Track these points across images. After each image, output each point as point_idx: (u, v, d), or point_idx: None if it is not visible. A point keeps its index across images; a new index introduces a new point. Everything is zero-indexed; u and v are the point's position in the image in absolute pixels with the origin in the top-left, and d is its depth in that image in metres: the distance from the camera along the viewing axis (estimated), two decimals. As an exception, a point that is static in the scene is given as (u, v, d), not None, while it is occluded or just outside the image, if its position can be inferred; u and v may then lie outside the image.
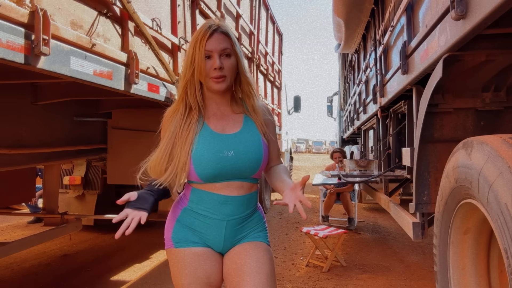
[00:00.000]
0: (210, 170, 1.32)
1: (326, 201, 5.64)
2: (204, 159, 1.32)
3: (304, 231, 3.99)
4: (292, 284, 3.34)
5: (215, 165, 1.32)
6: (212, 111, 1.41)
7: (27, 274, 3.56)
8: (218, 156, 1.32)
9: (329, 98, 12.91)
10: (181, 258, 1.36)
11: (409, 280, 3.44)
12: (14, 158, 2.70)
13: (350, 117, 7.51)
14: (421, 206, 2.23)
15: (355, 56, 6.62)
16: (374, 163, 4.15)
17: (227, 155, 1.33)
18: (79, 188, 4.60)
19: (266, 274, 1.33)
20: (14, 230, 5.20)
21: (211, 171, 1.32)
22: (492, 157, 1.24)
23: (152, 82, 2.61)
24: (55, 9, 1.74)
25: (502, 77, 1.94)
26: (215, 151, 1.33)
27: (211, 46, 1.30)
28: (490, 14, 1.28)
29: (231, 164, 1.33)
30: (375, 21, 4.08)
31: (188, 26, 3.23)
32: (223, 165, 1.32)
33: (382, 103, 3.55)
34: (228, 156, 1.33)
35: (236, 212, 1.37)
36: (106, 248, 4.43)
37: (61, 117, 3.19)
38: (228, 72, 1.33)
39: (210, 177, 1.33)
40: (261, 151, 1.37)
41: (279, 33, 8.38)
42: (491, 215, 1.22)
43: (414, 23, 2.46)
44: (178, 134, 1.34)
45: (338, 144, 11.32)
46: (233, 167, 1.33)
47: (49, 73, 1.68)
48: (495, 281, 1.60)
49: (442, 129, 2.14)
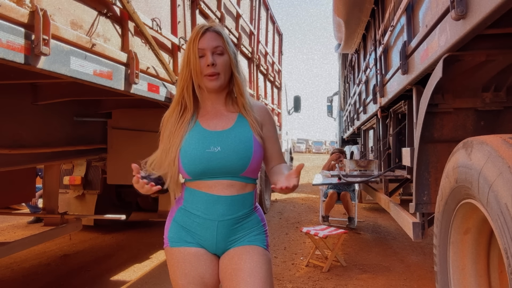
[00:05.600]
0: (196, 165, 1.33)
1: (328, 201, 5.64)
2: (190, 154, 1.33)
3: (304, 231, 3.99)
4: (292, 284, 3.34)
5: (201, 161, 1.32)
6: (206, 110, 1.43)
7: (27, 274, 3.56)
8: (204, 152, 1.33)
9: (329, 98, 12.92)
10: (176, 258, 1.37)
11: (409, 280, 3.44)
12: (14, 158, 2.70)
13: (350, 117, 7.51)
14: (421, 206, 2.23)
15: (355, 56, 6.62)
16: (374, 163, 4.15)
17: (213, 150, 1.33)
18: (79, 188, 4.60)
19: (261, 279, 1.31)
20: (14, 230, 5.20)
21: (197, 166, 1.33)
22: (492, 157, 1.24)
23: (152, 82, 2.61)
24: (55, 9, 1.74)
25: (502, 77, 1.94)
26: (202, 147, 1.34)
27: (203, 44, 1.34)
28: (490, 14, 1.28)
29: (218, 160, 1.33)
30: (375, 21, 4.08)
31: (188, 26, 3.23)
32: (209, 160, 1.32)
33: (382, 103, 3.55)
34: (214, 152, 1.33)
35: (228, 213, 1.35)
36: (106, 248, 4.43)
37: (61, 117, 3.19)
38: (221, 69, 1.35)
39: (197, 173, 1.34)
40: (251, 148, 1.36)
41: (279, 33, 8.38)
42: (491, 215, 1.22)
43: (414, 23, 2.46)
44: (172, 133, 1.37)
45: (338, 144, 11.32)
46: (219, 163, 1.33)
47: (49, 73, 1.68)
48: (495, 281, 1.60)
49: (442, 129, 2.14)
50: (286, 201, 8.15)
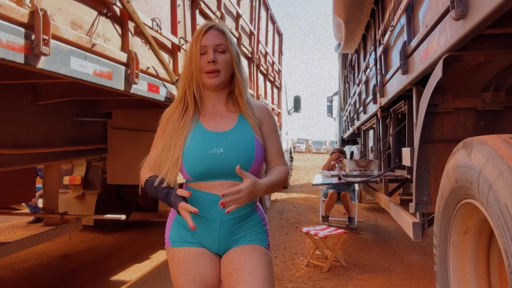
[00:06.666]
0: (199, 167, 1.32)
1: (328, 201, 5.64)
2: (193, 156, 1.32)
3: (304, 231, 3.99)
4: (292, 284, 3.34)
5: (204, 162, 1.32)
6: (207, 110, 1.42)
7: (27, 274, 3.56)
8: (206, 153, 1.32)
9: (329, 98, 12.92)
10: (177, 257, 1.37)
11: (409, 280, 3.44)
12: (14, 158, 2.70)
13: (350, 117, 7.51)
14: (421, 206, 2.23)
15: (355, 56, 6.62)
16: (374, 163, 4.15)
17: (216, 152, 1.32)
18: (79, 188, 4.60)
19: (262, 278, 1.31)
20: (14, 230, 5.20)
21: (200, 168, 1.32)
22: (492, 157, 1.24)
23: (152, 82, 2.61)
24: (55, 9, 1.74)
25: (502, 77, 1.94)
26: (204, 148, 1.33)
27: (206, 42, 1.34)
28: (490, 14, 1.28)
29: (220, 162, 1.32)
30: (375, 21, 4.08)
31: (188, 26, 3.23)
32: (211, 162, 1.32)
33: (382, 103, 3.55)
34: (217, 154, 1.32)
35: (231, 212, 1.34)
36: (106, 248, 4.43)
37: (61, 117, 3.18)
38: (222, 67, 1.35)
39: (200, 174, 1.33)
40: (253, 150, 1.35)
41: (279, 33, 8.39)
42: (491, 215, 1.22)
43: (414, 23, 2.46)
44: (174, 131, 1.36)
45: (338, 144, 11.32)
46: (222, 165, 1.32)
47: (49, 73, 1.68)
48: (495, 281, 1.60)
49: (442, 129, 2.14)
50: (286, 201, 8.15)
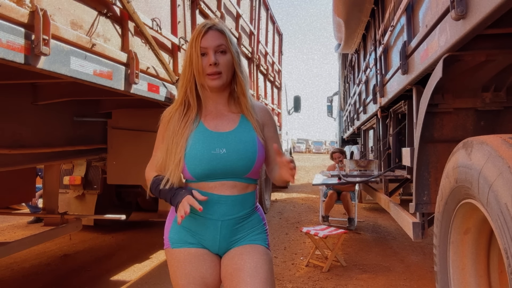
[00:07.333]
0: (202, 167, 1.32)
1: (327, 201, 5.63)
2: (196, 156, 1.32)
3: (304, 231, 3.99)
4: (292, 284, 3.34)
5: (207, 163, 1.31)
6: (209, 110, 1.42)
7: (27, 274, 3.56)
8: (209, 154, 1.32)
9: (329, 98, 12.92)
10: (177, 258, 1.37)
11: (409, 280, 3.44)
12: (14, 158, 2.70)
13: (350, 117, 7.51)
14: (421, 206, 2.23)
15: (355, 56, 6.62)
16: (374, 163, 4.15)
17: (218, 152, 1.32)
18: (79, 188, 4.60)
19: (262, 278, 1.31)
20: (14, 230, 5.20)
21: (203, 168, 1.32)
22: (492, 157, 1.24)
23: (152, 82, 2.61)
24: (55, 9, 1.74)
25: (502, 77, 1.94)
26: (207, 149, 1.33)
27: (206, 43, 1.33)
28: (490, 14, 1.28)
29: (223, 162, 1.32)
30: (375, 21, 4.08)
31: (188, 26, 3.23)
32: (214, 162, 1.32)
33: (382, 103, 3.55)
34: (220, 154, 1.32)
35: (231, 212, 1.35)
36: (106, 248, 4.43)
37: (61, 117, 3.18)
38: (223, 69, 1.34)
39: (202, 174, 1.33)
40: (255, 150, 1.35)
41: (279, 33, 8.39)
42: (491, 215, 1.22)
43: (414, 23, 2.46)
44: (175, 133, 1.36)
45: (338, 144, 11.32)
46: (225, 165, 1.32)
47: (49, 73, 1.68)
48: (495, 281, 1.60)
49: (442, 129, 2.14)
50: (286, 201, 8.15)
